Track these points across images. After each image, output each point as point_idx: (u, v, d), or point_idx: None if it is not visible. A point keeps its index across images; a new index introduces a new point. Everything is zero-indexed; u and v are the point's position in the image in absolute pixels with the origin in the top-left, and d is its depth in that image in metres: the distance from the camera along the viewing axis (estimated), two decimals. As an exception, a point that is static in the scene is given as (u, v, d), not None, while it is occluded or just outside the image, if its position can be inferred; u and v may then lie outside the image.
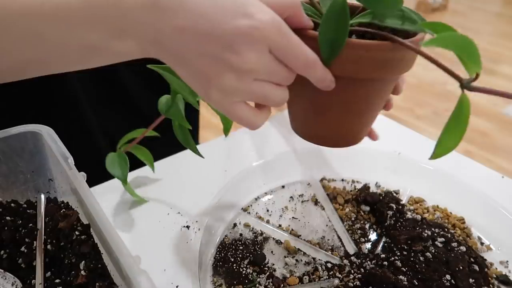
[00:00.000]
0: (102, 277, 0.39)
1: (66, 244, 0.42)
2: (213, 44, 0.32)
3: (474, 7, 4.17)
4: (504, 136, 2.13)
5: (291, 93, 0.38)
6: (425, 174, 0.64)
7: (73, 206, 0.48)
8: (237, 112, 0.35)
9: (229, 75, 0.33)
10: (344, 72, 0.36)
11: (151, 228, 0.53)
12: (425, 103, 2.37)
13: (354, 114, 0.42)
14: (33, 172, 0.50)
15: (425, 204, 0.61)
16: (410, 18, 0.36)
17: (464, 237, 0.55)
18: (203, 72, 0.33)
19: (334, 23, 0.33)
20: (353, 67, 0.35)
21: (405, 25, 0.35)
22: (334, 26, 0.33)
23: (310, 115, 0.43)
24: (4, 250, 0.43)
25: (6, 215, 0.46)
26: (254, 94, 0.34)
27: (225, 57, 0.32)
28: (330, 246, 0.53)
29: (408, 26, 0.35)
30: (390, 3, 0.35)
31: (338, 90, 0.36)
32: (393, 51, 0.35)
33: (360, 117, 0.43)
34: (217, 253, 0.51)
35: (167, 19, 0.32)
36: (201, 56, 0.32)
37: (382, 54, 0.35)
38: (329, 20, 0.34)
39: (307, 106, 0.42)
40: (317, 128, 0.44)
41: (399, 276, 0.46)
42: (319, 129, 0.44)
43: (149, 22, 0.32)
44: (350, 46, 0.34)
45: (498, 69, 2.86)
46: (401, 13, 0.36)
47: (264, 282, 0.47)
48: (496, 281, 0.48)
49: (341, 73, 0.36)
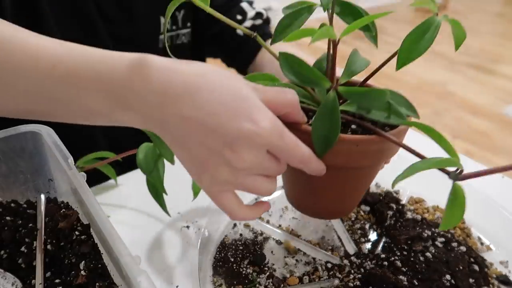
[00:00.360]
0: (102, 277, 0.39)
1: (66, 244, 0.42)
2: (215, 139, 0.33)
3: (474, 7, 4.17)
4: (504, 136, 2.13)
5: (285, 173, 0.40)
6: (425, 174, 0.64)
7: (73, 206, 0.48)
8: (223, 200, 0.36)
9: (224, 169, 0.34)
10: (335, 162, 0.38)
11: (151, 228, 0.53)
12: (425, 103, 2.37)
13: (346, 194, 0.45)
14: (33, 172, 0.50)
15: (425, 204, 0.61)
16: (396, 112, 0.37)
17: (464, 237, 0.55)
18: (200, 160, 0.34)
19: (327, 121, 0.36)
20: (344, 159, 0.38)
21: (390, 119, 0.37)
22: (327, 124, 0.36)
23: (304, 194, 0.46)
24: (4, 250, 0.43)
25: (6, 215, 0.46)
26: (244, 186, 0.35)
27: (224, 153, 0.33)
28: (330, 246, 0.53)
29: (393, 121, 0.37)
30: (375, 99, 0.37)
31: (331, 175, 0.39)
32: (379, 144, 0.38)
33: (351, 196, 0.46)
34: (217, 253, 0.51)
35: (176, 108, 0.33)
36: (202, 146, 0.33)
37: (370, 147, 0.38)
38: (322, 117, 0.36)
39: (301, 187, 0.45)
40: (311, 204, 0.47)
41: (399, 276, 0.46)
42: (313, 206, 0.47)
43: (157, 106, 0.33)
44: (341, 141, 0.36)
45: (498, 69, 2.86)
46: (388, 105, 0.37)
47: (264, 282, 0.47)
48: (496, 281, 0.48)
49: (333, 163, 0.38)
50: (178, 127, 0.33)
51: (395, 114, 0.37)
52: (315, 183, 0.43)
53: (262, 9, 0.78)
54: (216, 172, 0.34)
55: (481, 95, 2.50)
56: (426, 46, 0.35)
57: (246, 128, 0.32)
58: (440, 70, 2.80)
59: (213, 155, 0.33)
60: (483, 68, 2.86)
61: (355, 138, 0.37)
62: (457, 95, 2.50)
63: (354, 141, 0.37)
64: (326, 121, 0.36)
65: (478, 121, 2.23)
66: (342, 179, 0.43)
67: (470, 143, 2.07)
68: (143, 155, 0.48)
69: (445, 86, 2.58)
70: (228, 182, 0.34)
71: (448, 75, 2.74)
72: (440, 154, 0.36)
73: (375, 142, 0.37)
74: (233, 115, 0.32)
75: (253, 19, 0.76)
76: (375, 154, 0.39)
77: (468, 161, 0.69)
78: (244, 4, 0.78)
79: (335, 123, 0.36)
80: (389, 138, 0.37)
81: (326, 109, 0.36)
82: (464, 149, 2.02)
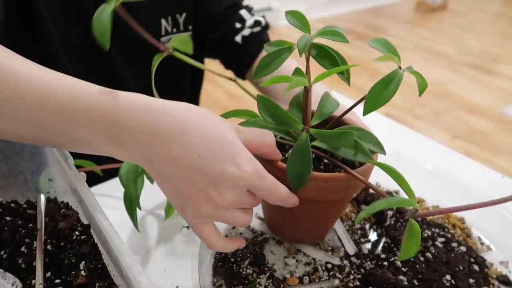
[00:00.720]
0: (102, 277, 0.39)
1: (66, 244, 0.42)
2: (201, 178, 0.35)
3: (474, 7, 4.17)
4: (504, 136, 2.13)
5: (265, 204, 0.46)
6: (425, 174, 0.64)
7: (73, 206, 0.48)
8: (203, 231, 0.39)
9: (207, 205, 0.36)
10: (308, 196, 0.42)
11: (151, 228, 0.53)
12: (425, 103, 2.37)
13: (319, 223, 0.50)
14: (33, 172, 0.50)
15: (425, 204, 0.61)
16: (362, 150, 0.42)
17: (464, 237, 0.55)
18: (184, 195, 0.36)
19: (300, 160, 0.40)
20: (316, 193, 0.42)
21: (357, 157, 0.42)
22: (300, 163, 0.40)
23: (280, 223, 0.51)
24: (4, 250, 0.43)
25: (6, 215, 0.46)
26: (223, 219, 0.38)
27: (208, 191, 0.35)
28: (330, 247, 0.53)
29: (359, 159, 0.42)
30: (343, 140, 0.41)
31: (304, 207, 0.43)
32: (348, 180, 0.42)
33: (325, 224, 0.51)
34: (217, 253, 0.51)
35: (164, 147, 0.34)
36: (187, 184, 0.35)
37: (338, 184, 0.42)
38: (296, 157, 0.40)
39: (277, 216, 0.51)
40: (288, 232, 0.52)
41: (399, 276, 0.46)
42: (290, 233, 0.52)
43: (145, 145, 0.35)
44: (313, 179, 0.40)
45: (498, 69, 2.85)
46: (355, 144, 0.42)
47: (264, 283, 0.47)
48: (496, 281, 0.48)
49: (306, 196, 0.42)
50: (165, 165, 0.35)
51: (361, 152, 0.42)
52: (290, 214, 0.47)
53: (260, 17, 0.79)
54: (198, 207, 0.36)
55: (481, 95, 2.50)
56: (390, 96, 0.38)
57: (230, 171, 0.35)
58: (440, 70, 2.80)
59: (198, 192, 0.35)
60: (483, 68, 2.86)
61: (325, 176, 0.41)
62: (457, 95, 2.50)
63: (324, 178, 0.41)
64: (299, 161, 0.40)
65: (478, 121, 2.23)
66: (315, 210, 0.47)
67: (470, 143, 2.07)
68: (125, 169, 0.49)
69: (445, 86, 2.58)
70: (209, 215, 0.37)
71: (448, 75, 2.74)
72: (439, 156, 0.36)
73: (343, 179, 0.42)
74: (219, 158, 0.35)
75: (252, 27, 0.77)
76: (344, 189, 0.43)
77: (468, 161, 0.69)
78: (243, 11, 0.78)
79: (307, 163, 0.40)
80: (355, 176, 0.41)
81: (299, 149, 0.40)
82: (464, 149, 2.02)
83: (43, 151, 0.48)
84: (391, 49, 0.41)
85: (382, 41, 0.41)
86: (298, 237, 0.53)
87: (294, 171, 0.40)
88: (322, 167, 0.45)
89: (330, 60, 0.43)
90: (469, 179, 0.62)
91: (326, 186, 0.41)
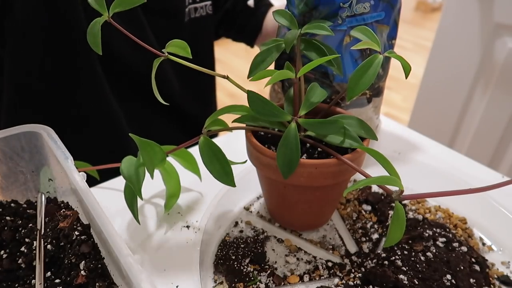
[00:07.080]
0: (102, 277, 0.39)
1: (66, 244, 0.42)
2: None
3: (474, 6, 4.16)
4: (504, 136, 2.13)
5: (264, 187, 0.52)
6: (426, 174, 0.64)
7: (73, 206, 0.48)
8: None
9: None
10: (300, 182, 0.44)
11: (151, 228, 0.53)
12: (425, 103, 2.37)
13: (316, 208, 0.51)
14: (33, 172, 0.50)
15: (427, 204, 0.61)
16: (350, 136, 0.43)
17: (466, 238, 0.54)
18: None
19: (288, 149, 0.41)
20: (307, 180, 0.44)
21: (345, 143, 0.43)
22: (289, 151, 0.41)
23: (279, 207, 0.53)
24: (4, 250, 0.43)
25: (6, 215, 0.46)
26: None
27: None
28: (331, 245, 0.53)
29: (347, 144, 0.43)
30: (330, 128, 0.43)
31: (299, 193, 0.46)
32: (337, 166, 0.43)
33: (321, 210, 0.52)
34: (219, 251, 0.51)
35: None
36: None
37: (328, 169, 0.43)
38: (285, 146, 0.42)
39: (276, 200, 0.53)
40: (287, 218, 0.54)
41: (400, 276, 0.46)
42: (289, 219, 0.54)
43: None
44: (302, 165, 0.42)
45: (499, 68, 2.85)
46: (343, 131, 0.43)
47: (265, 280, 0.47)
48: (498, 282, 0.48)
49: (298, 183, 0.44)
50: None
51: (350, 138, 0.43)
52: (286, 200, 0.50)
53: None
54: None
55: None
56: (370, 80, 0.40)
57: None
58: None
59: None
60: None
61: (314, 162, 0.42)
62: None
63: (313, 164, 0.42)
64: (288, 149, 0.41)
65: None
66: (308, 196, 0.48)
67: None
68: (126, 164, 0.49)
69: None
70: None
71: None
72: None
73: (333, 165, 0.43)
74: None
75: None
76: (333, 175, 0.44)
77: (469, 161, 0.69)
78: None
79: (296, 151, 0.41)
80: (344, 161, 0.42)
81: (288, 139, 0.41)
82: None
83: (43, 151, 0.48)
84: (370, 36, 0.42)
85: (362, 29, 0.43)
86: (294, 222, 0.54)
87: (284, 159, 0.42)
88: (316, 155, 0.47)
89: (317, 52, 0.46)
90: (469, 179, 0.62)
91: (316, 172, 0.43)
